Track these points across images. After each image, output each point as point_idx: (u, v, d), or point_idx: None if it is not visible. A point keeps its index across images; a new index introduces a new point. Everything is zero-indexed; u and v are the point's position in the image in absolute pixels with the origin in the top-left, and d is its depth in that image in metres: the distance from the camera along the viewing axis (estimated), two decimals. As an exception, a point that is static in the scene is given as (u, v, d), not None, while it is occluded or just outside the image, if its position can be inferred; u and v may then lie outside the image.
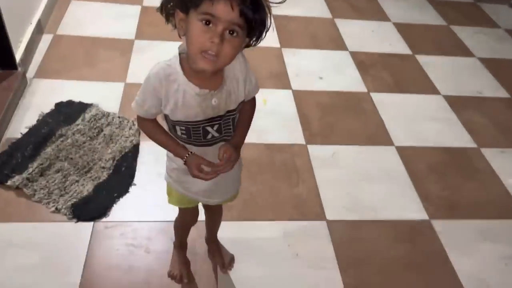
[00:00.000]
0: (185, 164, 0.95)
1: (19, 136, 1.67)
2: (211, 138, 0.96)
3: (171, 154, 1.02)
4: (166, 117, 0.95)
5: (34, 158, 1.58)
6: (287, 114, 2.03)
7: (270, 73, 2.26)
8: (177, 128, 0.95)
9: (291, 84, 2.21)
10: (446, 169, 1.85)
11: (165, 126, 0.99)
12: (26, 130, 1.70)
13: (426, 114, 2.14)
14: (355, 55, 2.47)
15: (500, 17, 3.07)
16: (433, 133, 2.03)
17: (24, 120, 1.75)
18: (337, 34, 2.64)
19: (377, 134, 1.98)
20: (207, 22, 0.78)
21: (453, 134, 2.04)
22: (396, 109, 2.14)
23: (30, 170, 1.52)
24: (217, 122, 0.93)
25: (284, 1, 0.82)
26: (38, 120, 1.75)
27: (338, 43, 2.56)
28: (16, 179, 1.49)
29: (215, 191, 1.09)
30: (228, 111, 0.94)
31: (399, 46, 2.62)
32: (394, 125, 2.04)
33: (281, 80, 2.23)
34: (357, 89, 2.24)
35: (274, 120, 1.97)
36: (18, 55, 1.87)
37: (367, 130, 2.00)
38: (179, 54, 0.89)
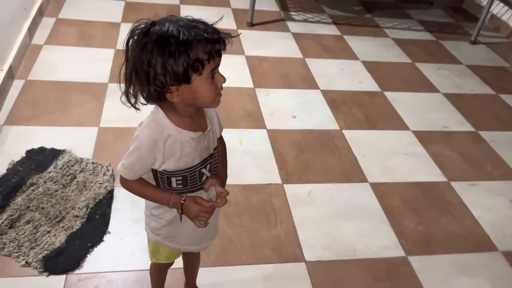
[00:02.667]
0: (181, 210, 0.95)
1: (-13, 187, 1.62)
2: (205, 179, 0.99)
3: (156, 212, 1.02)
4: (157, 173, 0.95)
5: (3, 210, 1.53)
6: (262, 154, 2.05)
7: (245, 112, 2.29)
8: (173, 180, 0.96)
9: (266, 123, 2.24)
10: (419, 204, 1.89)
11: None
12: (-5, 180, 1.65)
13: (397, 149, 2.21)
14: (326, 93, 2.55)
15: (461, 54, 3.24)
16: (405, 168, 2.08)
17: (-8, 170, 1.70)
18: (308, 73, 2.72)
19: (352, 171, 2.02)
20: (212, 76, 0.86)
21: (424, 169, 2.10)
22: (369, 146, 2.20)
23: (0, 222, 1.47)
24: (208, 162, 0.98)
25: (238, 35, 0.90)
26: (8, 169, 1.71)
27: (309, 82, 2.64)
28: (-16, 233, 1.44)
29: (205, 235, 1.10)
30: (214, 148, 1.00)
31: (368, 84, 2.71)
32: (367, 161, 2.09)
33: (256, 119, 2.26)
34: (330, 126, 2.29)
35: (250, 160, 1.99)
36: (-13, 103, 1.85)
37: (341, 167, 2.04)
38: (159, 107, 0.91)
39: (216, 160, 1.02)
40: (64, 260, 1.42)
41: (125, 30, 2.80)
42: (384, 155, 2.15)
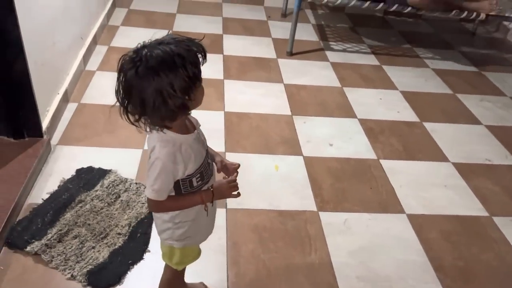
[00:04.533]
0: (212, 199, 1.07)
1: (41, 201, 1.74)
2: (211, 168, 1.12)
3: (178, 219, 1.11)
4: (179, 182, 1.03)
5: (53, 224, 1.63)
6: (298, 180, 2.07)
7: (282, 139, 2.34)
8: (194, 180, 1.05)
9: (302, 150, 2.28)
10: (459, 238, 1.85)
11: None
12: (48, 195, 1.77)
13: (436, 181, 2.17)
14: (364, 122, 2.56)
15: (506, 85, 3.17)
16: (444, 201, 2.05)
17: (46, 186, 1.82)
18: (346, 102, 2.75)
19: (388, 201, 2.01)
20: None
21: (464, 202, 2.05)
22: (406, 176, 2.18)
23: (49, 236, 1.57)
24: (208, 153, 1.11)
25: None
26: (59, 186, 1.82)
27: (347, 111, 2.66)
28: (35, 245, 1.53)
29: (213, 221, 1.24)
30: None
31: (407, 114, 2.70)
32: (404, 192, 2.07)
33: (293, 146, 2.30)
34: (367, 155, 2.30)
35: (285, 186, 2.02)
36: (44, 124, 1.99)
37: (378, 197, 2.03)
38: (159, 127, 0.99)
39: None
40: (107, 275, 1.49)
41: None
42: (422, 186, 2.12)
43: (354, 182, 2.10)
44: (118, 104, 0.94)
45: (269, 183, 2.02)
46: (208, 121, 2.46)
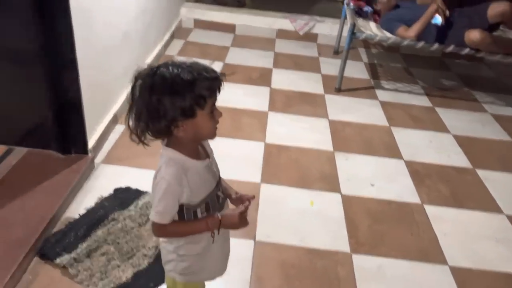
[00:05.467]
0: (218, 228, 1.03)
1: (77, 216, 1.80)
2: (221, 201, 1.09)
3: (182, 251, 1.07)
4: (183, 210, 1.02)
5: (84, 239, 1.67)
6: (333, 218, 1.99)
7: (321, 175, 2.28)
8: (198, 211, 1.03)
9: (341, 188, 2.20)
10: (508, 299, 1.66)
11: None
12: (84, 211, 1.83)
13: (486, 233, 1.99)
14: (410, 164, 2.44)
15: None
16: (494, 255, 1.87)
17: (84, 202, 1.89)
18: (393, 142, 2.65)
19: (430, 250, 1.86)
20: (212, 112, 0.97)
21: (518, 259, 1.86)
22: (452, 224, 2.02)
23: (79, 250, 1.61)
24: (220, 184, 1.08)
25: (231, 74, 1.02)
26: (96, 203, 1.88)
27: (392, 151, 2.56)
28: (64, 258, 1.57)
29: (227, 257, 1.19)
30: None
31: (459, 159, 2.54)
32: (449, 241, 1.91)
33: (331, 183, 2.23)
34: (410, 199, 2.17)
35: (319, 223, 1.94)
36: (91, 142, 2.09)
37: (419, 244, 1.89)
38: (167, 146, 1.00)
39: (221, 182, 1.11)
40: (127, 295, 1.48)
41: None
42: (469, 237, 1.95)
43: (394, 226, 1.98)
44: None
45: (303, 218, 1.96)
46: (248, 150, 2.50)
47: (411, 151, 2.56)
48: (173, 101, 0.90)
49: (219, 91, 0.96)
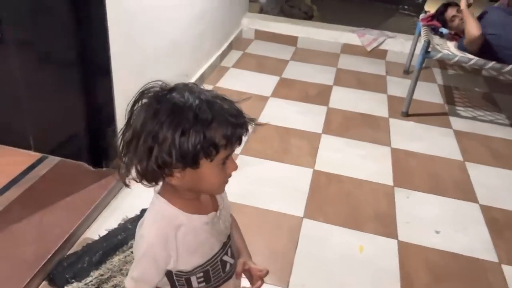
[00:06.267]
0: None
1: (97, 237, 1.66)
2: (229, 268, 0.83)
3: None
4: (172, 275, 0.79)
5: (98, 266, 1.52)
6: (385, 270, 1.67)
7: (375, 214, 1.96)
8: (193, 279, 0.79)
9: (399, 232, 1.87)
10: None
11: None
12: (105, 232, 1.68)
13: None
14: (486, 210, 2.04)
15: None
16: None
17: (107, 222, 1.75)
18: (466, 180, 2.25)
19: (507, 327, 1.49)
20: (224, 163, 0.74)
21: None
22: (539, 295, 1.62)
23: (89, 280, 1.45)
24: (228, 246, 0.85)
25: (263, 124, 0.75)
26: (119, 224, 1.73)
27: (465, 192, 2.16)
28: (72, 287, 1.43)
29: None
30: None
31: (550, 208, 2.09)
32: (533, 318, 1.52)
33: (387, 225, 1.91)
34: (484, 255, 1.78)
35: (367, 274, 1.64)
36: (124, 156, 1.96)
37: (492, 317, 1.52)
38: (159, 195, 0.78)
39: (232, 243, 0.86)
40: None
41: (271, 104, 2.82)
42: (562, 316, 1.54)
43: (460, 287, 1.62)
44: None
45: (348, 267, 1.66)
46: (293, 177, 2.22)
47: (489, 194, 2.15)
48: (174, 141, 0.67)
49: (240, 142, 0.72)
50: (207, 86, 2.98)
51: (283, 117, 2.64)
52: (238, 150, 2.26)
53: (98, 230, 1.70)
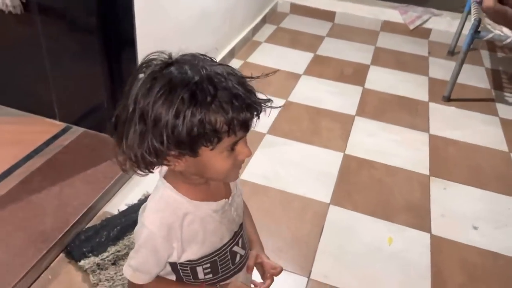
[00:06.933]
0: None
1: (116, 212, 1.62)
2: (239, 260, 0.77)
3: None
4: (177, 265, 0.72)
5: (116, 242, 1.48)
6: (415, 266, 1.56)
7: (408, 204, 1.84)
8: (199, 270, 0.72)
9: (432, 225, 1.74)
10: None
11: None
12: (125, 207, 1.65)
13: None
14: (532, 208, 1.87)
15: None
16: None
17: (129, 196, 1.71)
18: (511, 174, 2.08)
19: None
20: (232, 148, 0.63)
21: None
22: None
23: (105, 255, 1.42)
24: (240, 236, 0.77)
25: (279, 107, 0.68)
26: (139, 200, 1.69)
27: (509, 186, 2.00)
28: (89, 261, 1.40)
29: None
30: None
31: None
32: None
33: (420, 217, 1.78)
34: (526, 256, 1.64)
35: (395, 268, 1.54)
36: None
37: (531, 325, 1.39)
38: (164, 179, 0.71)
39: (244, 233, 0.80)
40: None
41: (303, 83, 2.69)
42: None
43: (498, 291, 1.50)
44: None
45: (375, 259, 1.56)
46: (322, 161, 2.11)
47: (536, 190, 1.98)
48: (166, 124, 0.57)
49: (247, 128, 0.61)
50: (237, 61, 2.88)
51: (315, 96, 2.51)
52: (265, 128, 2.18)
53: (118, 204, 1.66)
